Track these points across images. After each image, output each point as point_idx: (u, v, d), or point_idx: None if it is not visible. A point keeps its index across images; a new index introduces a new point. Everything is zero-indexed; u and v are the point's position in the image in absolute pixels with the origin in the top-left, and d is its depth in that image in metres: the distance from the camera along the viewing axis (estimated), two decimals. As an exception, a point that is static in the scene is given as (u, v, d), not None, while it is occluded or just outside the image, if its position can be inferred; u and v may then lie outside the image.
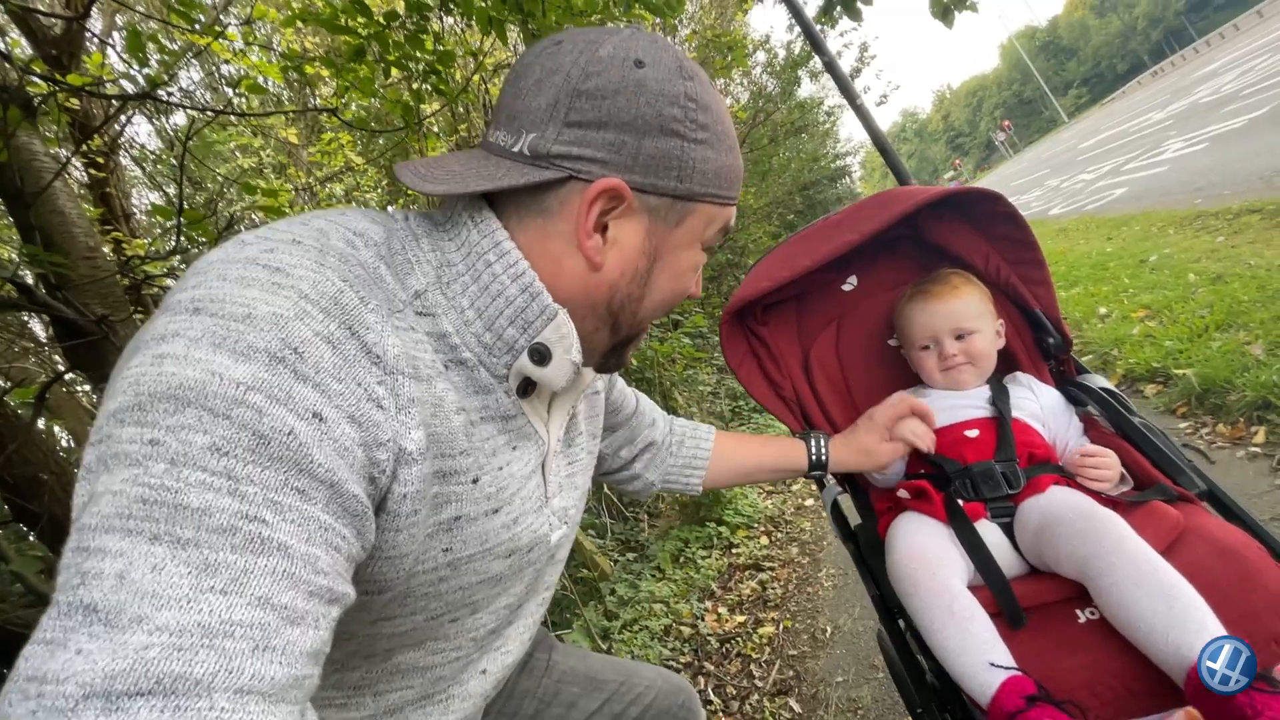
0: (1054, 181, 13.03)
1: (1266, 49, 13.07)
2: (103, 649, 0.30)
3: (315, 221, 0.48)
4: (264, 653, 0.33)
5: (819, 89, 9.68)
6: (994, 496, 0.87)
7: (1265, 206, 3.81)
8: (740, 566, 2.85)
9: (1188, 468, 0.83)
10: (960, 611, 0.72)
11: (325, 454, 0.38)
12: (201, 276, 0.40)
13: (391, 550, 0.46)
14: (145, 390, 0.35)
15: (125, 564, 0.32)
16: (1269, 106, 7.13)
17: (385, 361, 0.43)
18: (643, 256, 0.54)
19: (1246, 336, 2.31)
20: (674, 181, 0.52)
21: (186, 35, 2.71)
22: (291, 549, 0.35)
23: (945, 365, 1.03)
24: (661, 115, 0.50)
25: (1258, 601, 0.64)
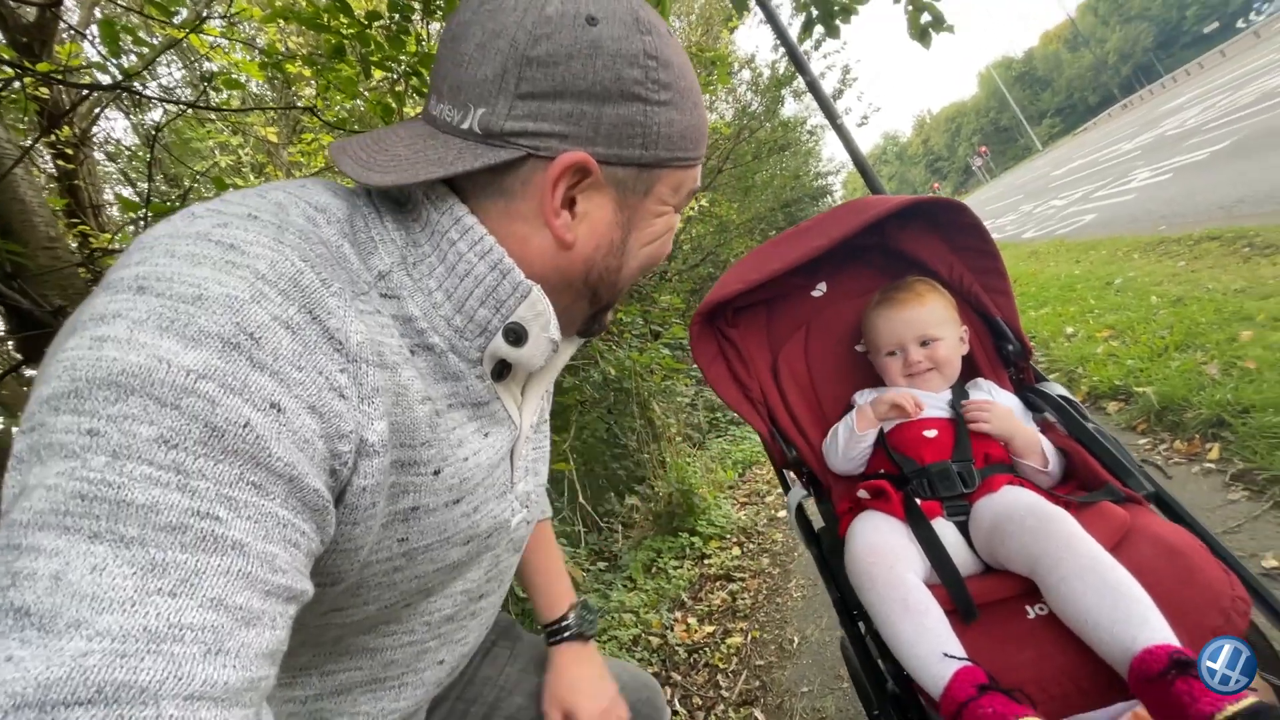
0: (1028, 207, 13.39)
1: (1227, 86, 13.65)
2: (36, 655, 0.27)
3: (273, 194, 0.44)
4: (216, 656, 0.30)
5: (802, 108, 9.87)
6: (950, 495, 0.88)
7: (1224, 234, 3.95)
8: (711, 577, 2.84)
9: (1136, 471, 0.85)
10: (915, 605, 0.73)
11: (284, 447, 0.35)
12: (147, 252, 0.37)
13: (347, 543, 0.44)
14: (83, 376, 0.32)
15: (61, 564, 0.29)
16: (1230, 140, 7.43)
17: (348, 348, 0.40)
18: (616, 229, 0.52)
19: (1203, 357, 2.38)
20: (639, 149, 0.49)
21: (167, 29, 2.68)
22: (247, 547, 0.33)
23: (910, 371, 1.05)
24: (621, 78, 0.46)
25: (1195, 596, 0.66)
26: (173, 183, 4.99)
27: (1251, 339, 2.30)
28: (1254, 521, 1.58)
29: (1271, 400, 1.86)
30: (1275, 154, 5.61)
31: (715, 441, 4.85)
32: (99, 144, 4.90)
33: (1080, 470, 0.90)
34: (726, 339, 1.20)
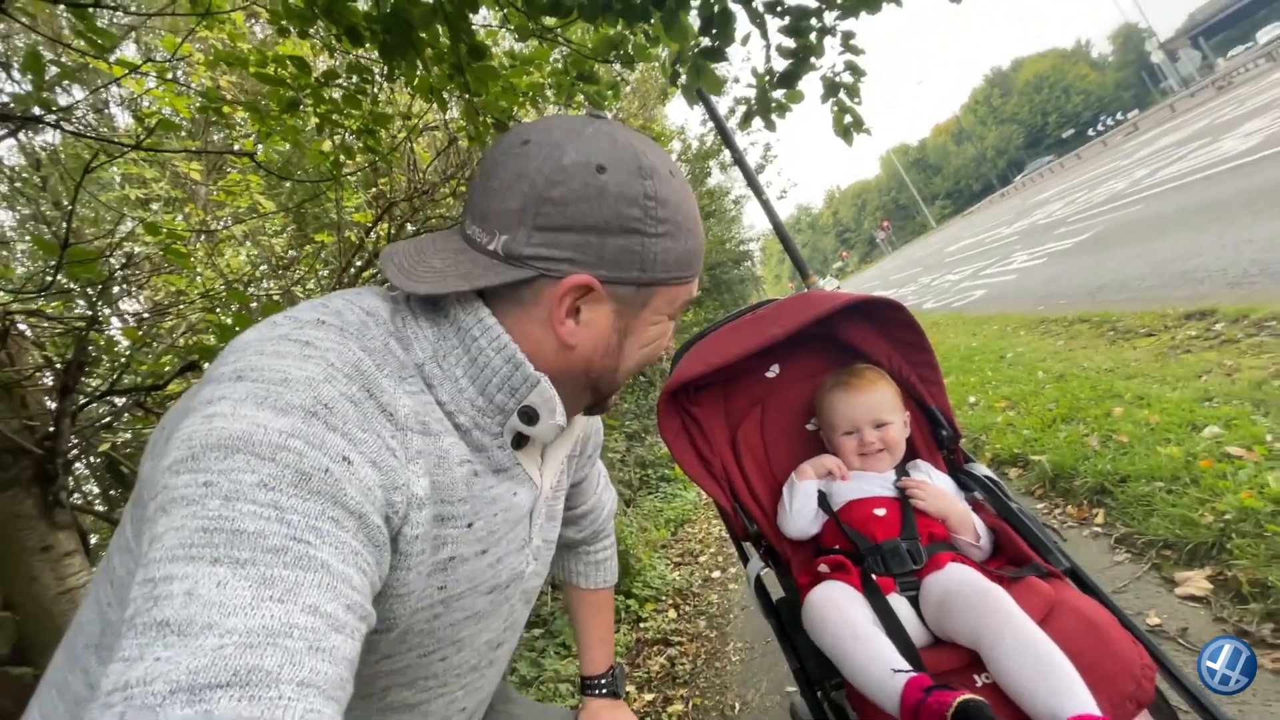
0: (926, 279, 14.72)
1: (1084, 185, 15.82)
2: (181, 653, 0.34)
3: (334, 302, 0.54)
4: (317, 652, 0.37)
5: (726, 180, 10.53)
6: (901, 572, 0.97)
7: (1092, 318, 4.54)
8: (649, 642, 2.82)
9: (1054, 548, 0.98)
10: (864, 635, 0.83)
11: (355, 490, 0.44)
12: (240, 353, 0.47)
13: (401, 588, 0.52)
14: (198, 444, 0.41)
15: (192, 584, 0.36)
16: (1089, 233, 8.59)
17: (397, 419, 0.50)
18: (613, 334, 0.60)
19: (1085, 429, 2.70)
20: (637, 272, 0.57)
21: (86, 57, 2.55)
22: (332, 566, 0.40)
23: (863, 451, 1.15)
24: (621, 216, 0.55)
25: (1113, 665, 0.77)
26: (64, 210, 4.61)
27: (1122, 415, 2.64)
28: (1137, 582, 1.79)
29: (1142, 471, 2.14)
30: (1125, 248, 6.55)
31: (646, 498, 4.87)
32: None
33: (1007, 547, 1.02)
34: (690, 415, 1.27)
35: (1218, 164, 8.11)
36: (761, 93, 2.43)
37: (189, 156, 4.17)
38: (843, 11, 2.24)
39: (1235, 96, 17.35)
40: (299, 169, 4.63)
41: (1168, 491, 1.98)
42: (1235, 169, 7.27)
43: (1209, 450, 2.05)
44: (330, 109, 2.49)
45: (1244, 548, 1.61)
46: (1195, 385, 2.64)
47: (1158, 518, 1.90)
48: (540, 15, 2.01)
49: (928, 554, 0.98)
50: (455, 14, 1.91)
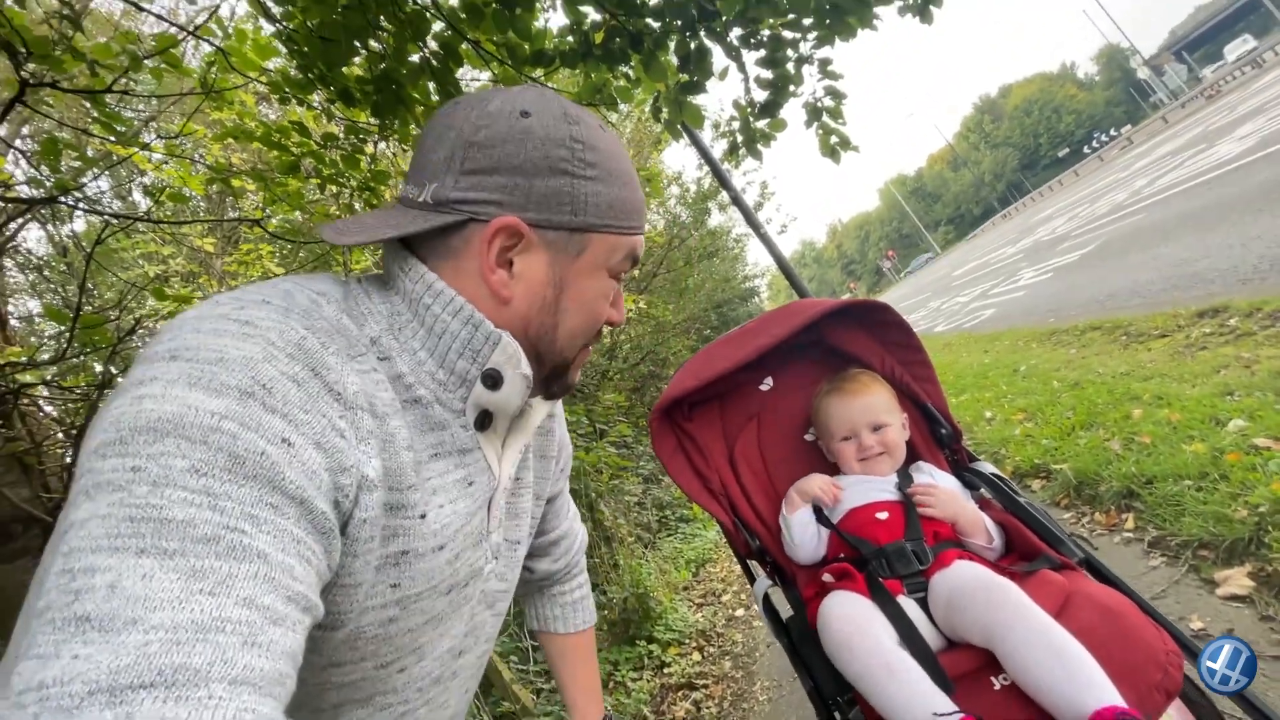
0: (935, 303, 14.66)
1: (1085, 200, 15.87)
2: (101, 650, 0.31)
3: (282, 284, 0.52)
4: (252, 647, 0.35)
5: (727, 219, 10.70)
6: (908, 573, 0.92)
7: (1104, 324, 4.47)
8: (673, 687, 2.70)
9: (1067, 539, 0.93)
10: (897, 667, 0.75)
11: (295, 474, 0.41)
12: (176, 330, 0.44)
13: (347, 577, 0.49)
14: (126, 426, 0.38)
15: (115, 576, 0.33)
16: (1094, 245, 8.56)
17: (345, 398, 0.47)
18: (549, 287, 0.58)
19: (1105, 434, 2.62)
20: (568, 215, 0.56)
21: (105, 145, 2.70)
22: (270, 556, 0.38)
23: (863, 455, 1.12)
24: (549, 157, 0.54)
25: (1137, 654, 0.72)
26: (88, 293, 4.78)
27: (1142, 416, 2.56)
28: (1175, 586, 1.69)
29: (1169, 470, 2.06)
30: (1132, 256, 6.50)
31: (666, 540, 4.76)
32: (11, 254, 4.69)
33: (1019, 542, 0.98)
34: (685, 433, 1.25)
35: (1216, 168, 8.11)
36: (744, 123, 2.49)
37: (201, 229, 4.34)
38: (818, 41, 2.31)
39: (1225, 104, 17.50)
40: (308, 235, 4.79)
41: (1197, 489, 1.90)
42: (1233, 171, 7.27)
43: (1235, 444, 1.98)
44: (331, 170, 2.60)
45: (1283, 540, 1.52)
46: (1214, 381, 2.57)
47: (1190, 516, 1.81)
48: (524, 66, 2.09)
49: (933, 553, 0.94)
50: (441, 69, 2.00)
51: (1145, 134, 29.14)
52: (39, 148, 2.56)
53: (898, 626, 0.83)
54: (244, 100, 3.18)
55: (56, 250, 5.53)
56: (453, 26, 1.99)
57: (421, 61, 2.00)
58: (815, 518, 1.10)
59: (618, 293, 0.65)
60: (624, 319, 0.67)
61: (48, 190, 2.38)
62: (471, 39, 2.06)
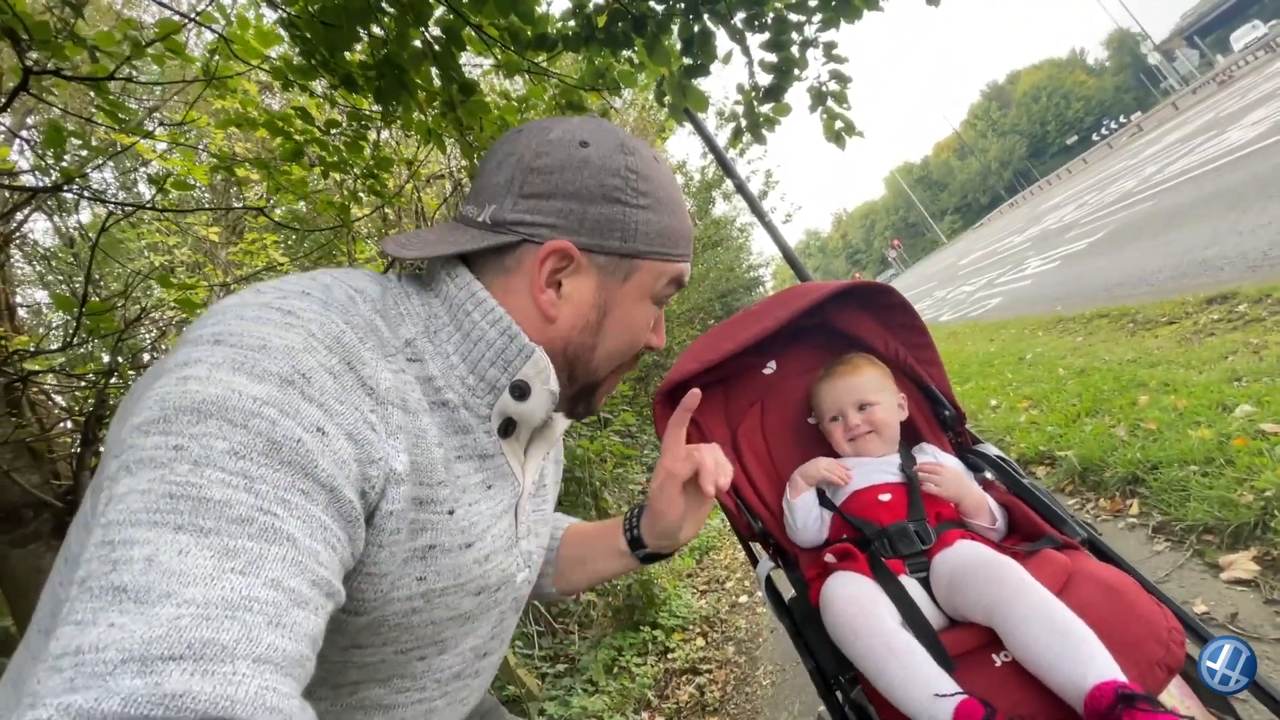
0: (941, 293, 14.58)
1: (1093, 188, 15.72)
2: (136, 621, 0.32)
3: (322, 278, 0.53)
4: (277, 628, 0.36)
5: (731, 208, 10.65)
6: (910, 553, 0.93)
7: (1110, 312, 4.44)
8: (677, 671, 2.73)
9: (1070, 519, 0.93)
10: (899, 648, 0.76)
11: (327, 462, 0.42)
12: (220, 316, 0.45)
13: (372, 566, 0.49)
14: (171, 405, 0.39)
15: (152, 550, 0.35)
16: (1102, 233, 8.48)
17: (378, 393, 0.49)
18: (593, 310, 0.60)
19: (1111, 421, 2.61)
20: (618, 241, 0.58)
21: (110, 134, 2.70)
22: (298, 540, 0.39)
23: (850, 435, 1.13)
24: (604, 185, 0.57)
25: (1139, 631, 0.72)
26: (95, 283, 4.81)
27: (1148, 403, 2.55)
28: (1179, 570, 1.69)
29: (1174, 456, 2.05)
30: (1140, 244, 6.44)
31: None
32: (18, 244, 4.72)
33: (1022, 523, 0.98)
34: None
35: (1227, 154, 8.01)
36: (748, 107, 2.47)
37: (206, 219, 4.35)
38: (823, 24, 2.28)
39: (1237, 89, 17.25)
40: (313, 225, 4.79)
41: (1203, 474, 1.89)
42: (1245, 157, 7.18)
43: (1242, 429, 1.97)
44: (335, 158, 2.59)
45: (1289, 525, 1.52)
46: (1222, 366, 2.55)
47: (1195, 502, 1.81)
48: (527, 51, 2.08)
49: (936, 533, 0.94)
50: (444, 54, 1.99)
51: (1155, 120, 28.79)
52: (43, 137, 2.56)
53: (900, 606, 0.84)
54: (247, 89, 3.18)
55: (63, 241, 5.56)
56: (455, 10, 1.98)
57: (423, 46, 1.99)
58: (819, 501, 1.10)
59: (659, 319, 0.67)
60: (664, 344, 0.68)
61: (52, 180, 2.38)
62: (474, 23, 2.05)
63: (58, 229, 5.62)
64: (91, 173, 4.57)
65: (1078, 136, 66.71)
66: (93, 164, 3.43)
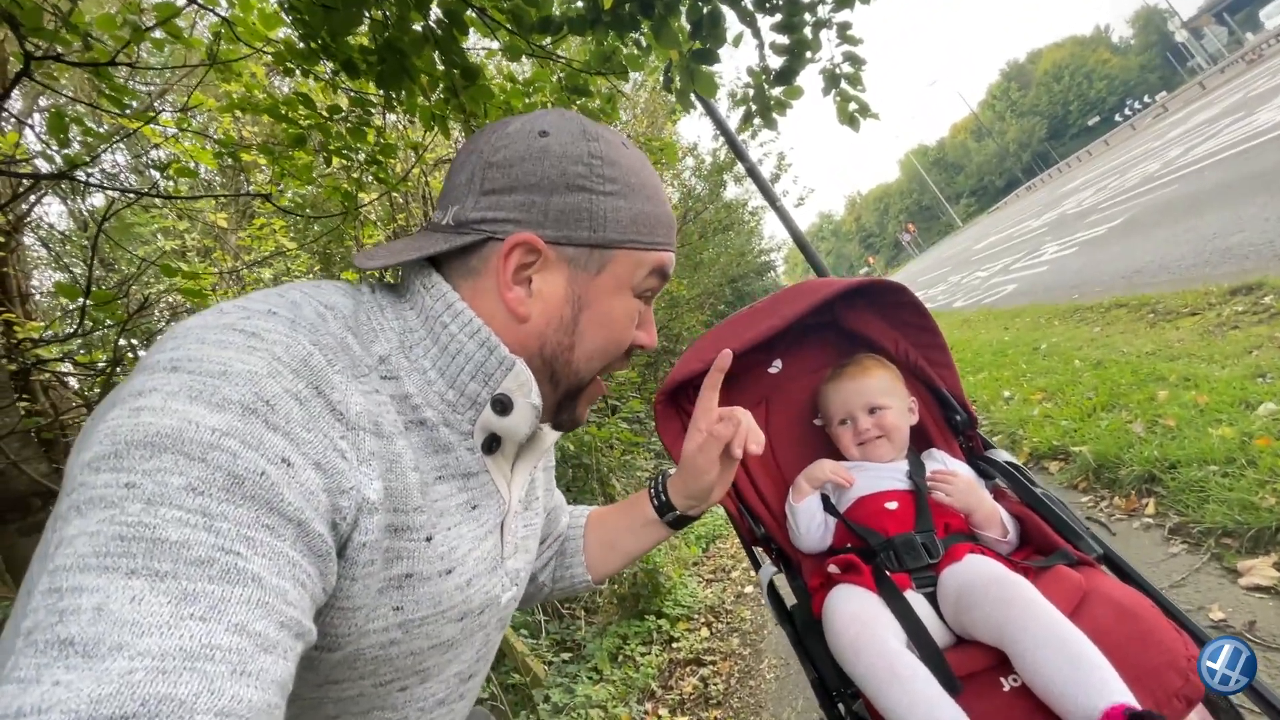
0: (955, 278, 14.37)
1: (1114, 171, 15.34)
2: (84, 678, 0.30)
3: (290, 294, 0.50)
4: (242, 677, 0.33)
5: (743, 191, 10.51)
6: (916, 567, 0.90)
7: (1129, 302, 4.33)
8: (681, 662, 2.73)
9: (1085, 534, 0.90)
10: (902, 672, 0.73)
11: (294, 495, 0.40)
12: (180, 340, 0.42)
13: (345, 600, 0.47)
14: (122, 439, 0.37)
15: (102, 598, 0.32)
16: (1122, 218, 8.28)
17: (348, 418, 0.46)
18: (567, 305, 0.57)
19: (1128, 416, 2.55)
20: (587, 231, 0.55)
21: (116, 119, 2.68)
22: (264, 580, 0.37)
23: (860, 439, 1.09)
24: (566, 174, 0.54)
25: (1157, 659, 0.68)
26: (110, 267, 4.84)
27: (1167, 398, 2.49)
28: (1196, 574, 1.65)
29: (1193, 455, 2.00)
30: (1161, 230, 6.28)
31: (677, 516, 4.78)
32: (31, 228, 4.75)
33: (1034, 535, 0.94)
34: (690, 417, 1.21)
35: (1255, 136, 7.77)
36: (759, 91, 2.40)
37: (214, 204, 4.34)
38: (836, 4, 2.20)
39: (1268, 69, 16.70)
40: (320, 210, 4.77)
41: (1223, 475, 1.84)
42: (1275, 140, 6.94)
43: (1265, 428, 1.91)
44: (339, 143, 2.56)
45: (1313, 531, 1.47)
46: (1246, 362, 2.48)
47: (1214, 503, 1.76)
48: (532, 34, 2.03)
49: (944, 546, 0.91)
50: (445, 38, 1.94)
51: (1181, 101, 28.00)
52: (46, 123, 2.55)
53: (904, 624, 0.81)
54: (254, 72, 3.14)
55: (77, 224, 5.59)
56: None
57: (425, 30, 1.94)
58: (822, 506, 1.07)
59: (646, 314, 0.63)
60: (655, 343, 0.64)
61: (56, 167, 2.37)
62: (477, 6, 1.99)
63: (72, 213, 5.65)
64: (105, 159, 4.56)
65: (1099, 117, 65.11)
66: (99, 149, 3.42)
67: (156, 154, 4.80)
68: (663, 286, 0.63)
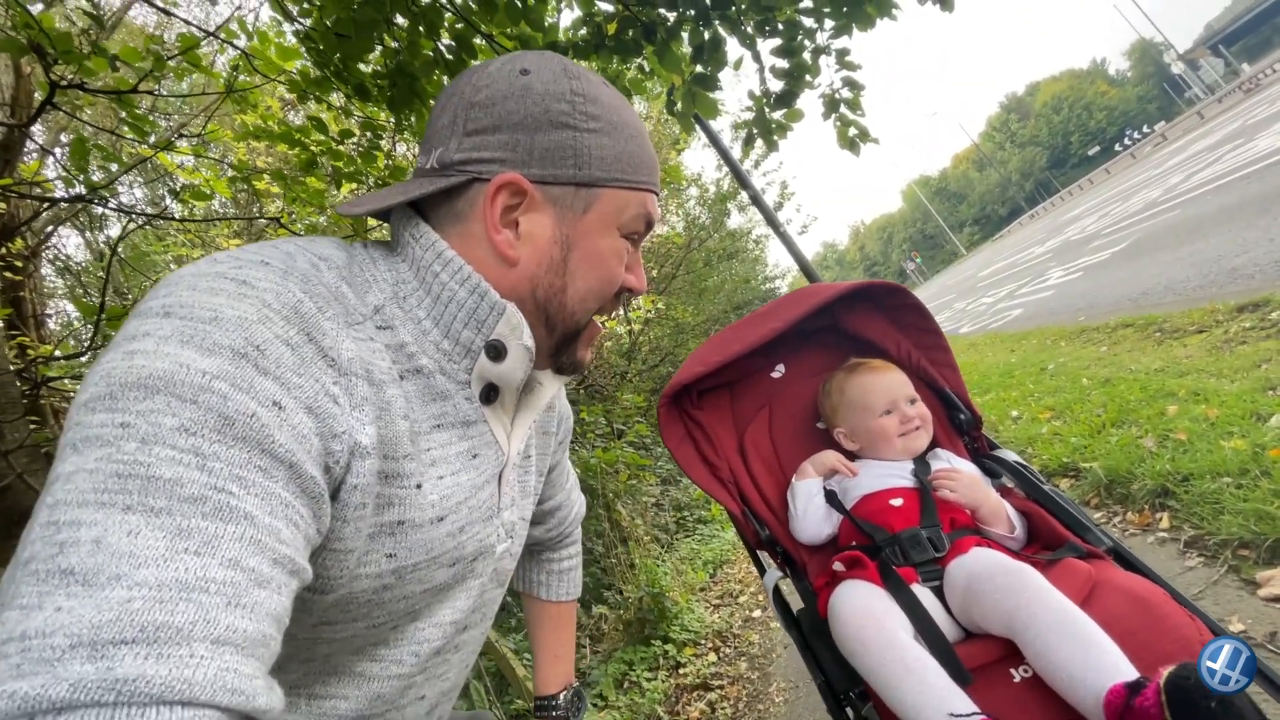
0: (961, 304, 14.37)
1: (1117, 198, 15.44)
2: (84, 604, 0.31)
3: (284, 245, 0.51)
4: (236, 608, 0.34)
5: (746, 220, 10.63)
6: (922, 561, 0.88)
7: (1135, 321, 4.32)
8: (688, 687, 2.66)
9: (1093, 527, 0.89)
10: (913, 665, 0.72)
11: (285, 437, 0.40)
12: (172, 287, 0.43)
13: (337, 542, 0.47)
14: (116, 381, 0.38)
15: (100, 531, 0.33)
16: (1126, 243, 8.31)
17: (340, 364, 0.46)
18: (555, 245, 0.56)
19: (1138, 431, 2.52)
20: (572, 169, 0.54)
21: (136, 149, 2.76)
22: (256, 518, 0.37)
23: (905, 429, 1.08)
24: (549, 111, 0.53)
25: (1169, 645, 0.67)
26: (124, 296, 4.92)
27: (1177, 412, 2.46)
28: (1214, 586, 1.61)
29: (1206, 467, 1.97)
30: (1165, 253, 6.29)
31: (684, 541, 4.72)
32: (49, 259, 4.86)
33: (1042, 531, 0.93)
34: (693, 421, 1.22)
35: (1255, 162, 7.82)
36: (760, 114, 2.46)
37: (229, 231, 4.43)
38: (835, 30, 2.27)
39: (1265, 97, 16.90)
40: (331, 234, 4.86)
41: (1237, 486, 1.81)
42: (1275, 165, 6.99)
43: (1278, 440, 1.88)
44: (350, 168, 2.62)
45: (1331, 539, 1.44)
46: (1255, 375, 2.45)
47: (1229, 515, 1.72)
48: (537, 59, 2.09)
49: (950, 540, 0.90)
50: (454, 62, 2.00)
51: (1180, 130, 28.30)
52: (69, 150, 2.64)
53: (912, 617, 0.79)
54: (269, 104, 3.24)
55: (93, 255, 5.71)
56: (465, 20, 2.00)
57: (435, 55, 2.01)
58: (825, 498, 1.07)
59: (635, 257, 0.62)
60: (645, 286, 0.63)
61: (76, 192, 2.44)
62: (485, 32, 2.06)
63: (89, 245, 5.77)
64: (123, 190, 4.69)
65: (1100, 147, 65.84)
66: (118, 177, 3.52)
67: (175, 182, 4.94)
68: (648, 232, 0.61)
